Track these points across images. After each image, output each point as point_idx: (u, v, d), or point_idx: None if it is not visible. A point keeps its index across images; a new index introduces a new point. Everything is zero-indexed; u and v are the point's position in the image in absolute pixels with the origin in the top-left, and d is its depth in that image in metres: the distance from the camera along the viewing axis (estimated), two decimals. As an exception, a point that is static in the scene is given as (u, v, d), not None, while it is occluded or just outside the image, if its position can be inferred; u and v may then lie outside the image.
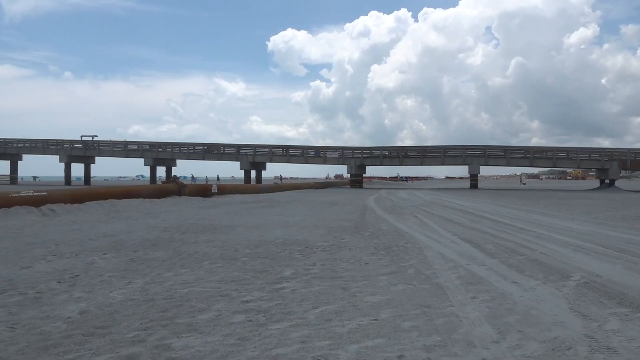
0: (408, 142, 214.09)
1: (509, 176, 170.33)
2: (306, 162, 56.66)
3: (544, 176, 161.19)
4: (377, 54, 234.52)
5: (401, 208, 18.43)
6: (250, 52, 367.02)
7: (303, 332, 3.62)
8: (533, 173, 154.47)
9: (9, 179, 60.87)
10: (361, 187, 54.21)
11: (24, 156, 63.30)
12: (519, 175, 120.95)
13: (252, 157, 56.60)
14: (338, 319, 3.96)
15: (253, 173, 57.28)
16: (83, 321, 3.89)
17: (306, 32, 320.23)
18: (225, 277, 5.56)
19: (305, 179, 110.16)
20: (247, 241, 8.69)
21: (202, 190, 25.93)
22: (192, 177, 69.64)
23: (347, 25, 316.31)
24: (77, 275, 5.70)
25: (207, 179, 70.23)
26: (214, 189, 26.60)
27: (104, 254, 7.25)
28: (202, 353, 3.19)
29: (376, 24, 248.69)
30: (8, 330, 3.65)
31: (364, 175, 58.61)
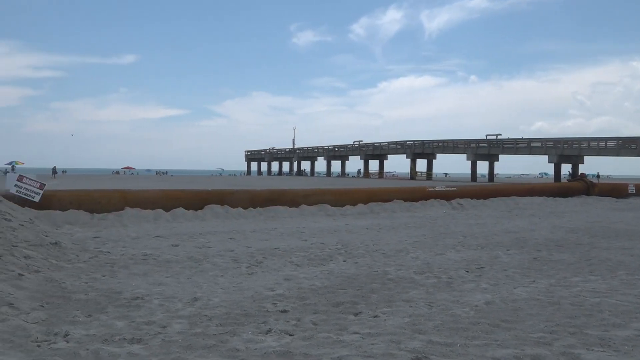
0: None
1: None
2: None
3: None
4: None
5: None
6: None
7: None
8: None
9: (425, 175, 70.05)
10: None
11: (438, 155, 71.32)
12: None
13: (689, 150, 46.19)
14: None
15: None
16: (489, 311, 4.07)
17: None
18: (647, 293, 4.76)
19: None
20: (677, 253, 7.18)
21: (616, 190, 22.97)
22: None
23: None
24: (482, 267, 6.03)
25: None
26: (631, 189, 23.15)
27: (508, 250, 7.41)
28: (618, 374, 2.82)
29: None
30: (426, 307, 4.19)
31: None
